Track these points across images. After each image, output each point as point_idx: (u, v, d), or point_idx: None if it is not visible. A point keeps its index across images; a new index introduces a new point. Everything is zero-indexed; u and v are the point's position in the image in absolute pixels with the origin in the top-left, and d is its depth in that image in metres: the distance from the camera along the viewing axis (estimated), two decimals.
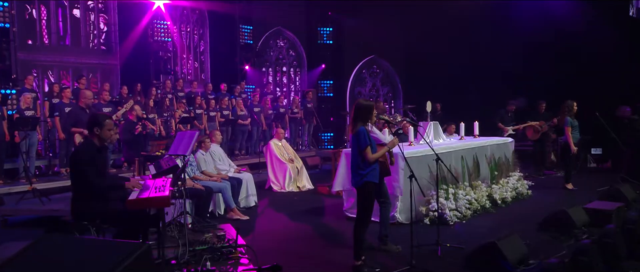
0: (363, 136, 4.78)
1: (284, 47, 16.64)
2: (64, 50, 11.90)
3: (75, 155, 4.43)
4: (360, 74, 17.49)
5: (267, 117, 12.75)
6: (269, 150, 9.84)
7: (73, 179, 4.40)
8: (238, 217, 7.15)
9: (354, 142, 4.89)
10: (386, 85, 17.63)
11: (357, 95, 17.42)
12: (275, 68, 16.60)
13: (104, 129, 4.38)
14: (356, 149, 4.85)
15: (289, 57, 16.76)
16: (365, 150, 4.78)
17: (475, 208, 7.08)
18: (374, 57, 17.29)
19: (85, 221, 4.28)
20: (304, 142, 14.12)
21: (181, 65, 14.29)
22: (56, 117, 8.70)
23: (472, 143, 8.04)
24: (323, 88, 16.42)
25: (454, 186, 7.06)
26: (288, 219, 7.25)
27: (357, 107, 4.92)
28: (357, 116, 4.89)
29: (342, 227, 6.58)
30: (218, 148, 8.17)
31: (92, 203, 4.31)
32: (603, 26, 12.13)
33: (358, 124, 4.87)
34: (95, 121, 4.41)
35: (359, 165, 4.83)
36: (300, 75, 16.95)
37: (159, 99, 10.99)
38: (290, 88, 16.91)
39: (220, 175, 7.56)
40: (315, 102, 14.66)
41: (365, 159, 4.80)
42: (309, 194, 9.24)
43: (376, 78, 17.62)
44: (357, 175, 4.85)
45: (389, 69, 17.45)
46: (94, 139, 4.42)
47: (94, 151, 4.36)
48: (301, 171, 9.84)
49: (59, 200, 7.59)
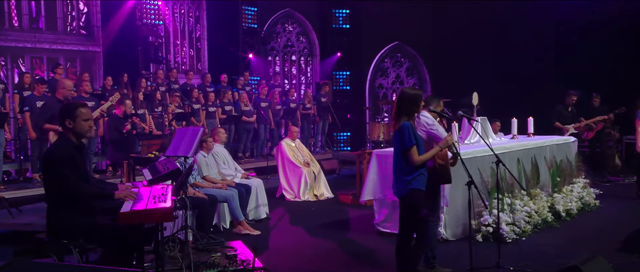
0: (407, 133, 4.46)
1: (293, 32, 16.61)
2: (37, 34, 11.77)
3: (49, 154, 4.13)
4: (382, 63, 17.35)
5: (275, 113, 12.59)
6: (280, 152, 9.65)
7: (48, 185, 4.12)
8: (247, 232, 6.95)
9: (396, 140, 4.57)
10: (412, 77, 17.51)
11: (378, 88, 17.18)
12: (283, 57, 16.53)
13: (77, 121, 4.11)
14: (399, 149, 4.49)
15: (299, 44, 16.70)
16: (410, 150, 4.46)
17: (535, 222, 6.80)
18: (398, 44, 17.18)
19: (65, 239, 3.96)
20: (317, 143, 13.93)
21: (174, 53, 14.21)
22: (26, 113, 8.52)
23: (528, 143, 7.77)
24: (338, 80, 16.33)
25: (510, 195, 6.73)
26: (307, 234, 7.09)
27: (400, 98, 4.62)
28: (401, 108, 4.57)
29: (375, 244, 6.41)
30: (222, 149, 7.99)
31: (74, 216, 4.02)
32: None
33: (402, 118, 4.55)
34: (66, 112, 4.13)
35: (402, 169, 4.53)
36: (312, 65, 16.86)
37: (150, 92, 10.82)
38: (300, 80, 16.81)
39: (226, 181, 7.35)
40: (330, 97, 14.47)
41: (411, 162, 4.46)
42: (329, 204, 9.10)
43: (400, 68, 17.49)
44: (400, 181, 4.54)
45: (416, 57, 17.29)
46: (69, 135, 4.14)
47: (71, 149, 4.08)
48: (318, 177, 9.66)
49: (31, 211, 7.46)
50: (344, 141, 16.04)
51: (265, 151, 12.45)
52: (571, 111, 10.65)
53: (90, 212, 4.11)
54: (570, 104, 10.63)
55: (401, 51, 17.36)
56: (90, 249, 4.00)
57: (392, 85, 17.39)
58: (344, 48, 16.19)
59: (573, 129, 10.46)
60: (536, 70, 13.35)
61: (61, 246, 3.89)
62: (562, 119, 10.54)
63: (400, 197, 4.57)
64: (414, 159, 4.44)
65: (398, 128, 4.50)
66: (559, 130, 10.39)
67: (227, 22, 14.41)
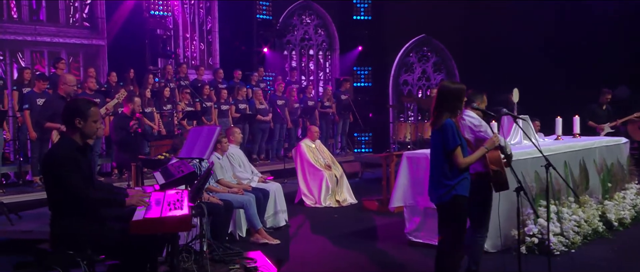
0: (451, 132, 4.27)
1: (311, 24, 16.63)
2: (37, 26, 11.77)
3: (51, 156, 4.01)
4: (407, 58, 17.27)
5: (292, 112, 12.54)
6: (299, 153, 9.59)
7: (50, 190, 3.98)
8: (266, 241, 6.87)
9: (436, 140, 4.41)
10: (440, 72, 17.36)
11: (402, 85, 17.07)
12: (300, 51, 16.56)
13: (88, 121, 3.98)
14: (441, 150, 4.33)
15: (317, 37, 16.67)
16: (454, 151, 4.28)
17: (585, 232, 6.62)
18: (424, 37, 17.07)
19: (71, 250, 3.84)
20: (337, 144, 13.88)
21: (184, 47, 14.22)
22: (26, 111, 8.52)
23: (575, 144, 7.63)
24: (359, 76, 16.38)
25: (557, 203, 6.57)
26: (331, 244, 7.01)
27: (441, 93, 4.45)
28: (442, 104, 4.40)
29: (406, 256, 6.34)
30: (237, 150, 7.96)
31: (81, 224, 3.90)
32: None
33: (443, 115, 4.37)
34: (76, 110, 3.97)
35: (445, 173, 4.34)
36: (331, 60, 16.87)
37: (158, 89, 10.81)
38: (318, 76, 16.81)
39: (242, 185, 7.30)
40: (351, 94, 14.43)
41: (455, 165, 4.28)
42: (353, 211, 9.05)
43: (427, 63, 17.40)
44: (441, 186, 4.36)
45: (444, 51, 17.15)
46: (74, 136, 4.00)
47: (76, 151, 3.96)
48: (341, 181, 9.60)
49: (32, 217, 7.41)
50: (365, 142, 15.95)
51: (281, 152, 12.39)
52: (606, 110, 10.76)
53: (98, 220, 3.99)
54: (605, 102, 10.80)
55: (428, 44, 17.24)
56: (98, 261, 3.91)
57: (418, 81, 17.28)
58: (366, 41, 16.22)
59: (609, 128, 10.48)
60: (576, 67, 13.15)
61: (67, 258, 3.78)
62: (596, 119, 10.65)
63: (441, 203, 4.39)
64: (459, 161, 4.26)
65: (440, 127, 4.32)
66: (593, 130, 10.44)
67: (240, 13, 14.47)
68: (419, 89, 17.18)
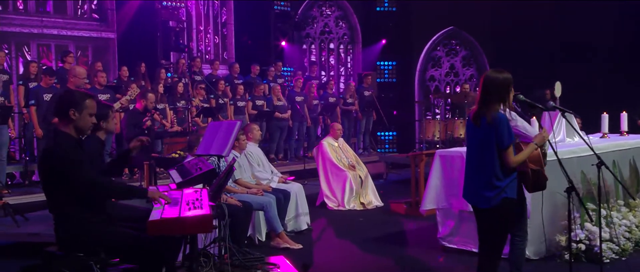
0: (506, 127, 4.12)
1: (331, 16, 16.64)
2: (44, 18, 11.82)
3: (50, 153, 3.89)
4: (434, 52, 17.22)
5: (311, 109, 12.52)
6: (321, 152, 9.55)
7: (53, 192, 3.91)
8: (287, 246, 6.82)
9: (484, 136, 4.20)
10: (469, 67, 17.23)
11: (429, 81, 16.97)
12: (320, 45, 16.57)
13: (84, 114, 3.90)
14: (491, 146, 4.15)
15: (338, 29, 16.68)
16: (507, 149, 4.13)
17: (637, 238, 6.40)
18: (453, 30, 17.00)
19: (82, 252, 3.78)
20: (360, 143, 13.80)
21: (197, 41, 14.28)
22: (32, 107, 8.51)
23: (624, 143, 7.42)
24: (383, 71, 16.37)
25: (605, 206, 6.34)
26: (357, 249, 6.98)
27: (487, 83, 4.24)
28: (490, 96, 4.21)
29: (440, 262, 6.29)
30: (256, 149, 7.91)
31: (91, 224, 3.84)
32: None
33: (493, 107, 4.18)
34: (72, 100, 3.90)
35: (495, 172, 4.16)
36: (353, 54, 16.81)
37: (170, 85, 10.87)
38: (339, 71, 16.78)
39: (261, 186, 7.25)
40: (375, 90, 14.34)
41: (505, 164, 4.13)
42: (380, 214, 8.98)
43: (456, 57, 17.30)
44: (491, 188, 4.17)
45: (474, 44, 17.06)
46: (68, 129, 3.91)
47: (75, 146, 3.90)
48: (365, 182, 9.55)
49: (39, 219, 7.35)
50: (389, 141, 15.83)
51: (300, 152, 12.37)
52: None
53: (109, 220, 3.96)
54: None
55: (457, 37, 17.17)
56: (113, 264, 3.85)
57: (446, 77, 17.19)
58: (390, 34, 16.21)
59: None
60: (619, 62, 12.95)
61: (77, 261, 3.72)
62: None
63: (490, 208, 4.20)
64: (510, 160, 4.11)
65: (492, 120, 4.13)
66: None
67: (256, 5, 14.52)
68: (447, 86, 17.10)
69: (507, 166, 4.13)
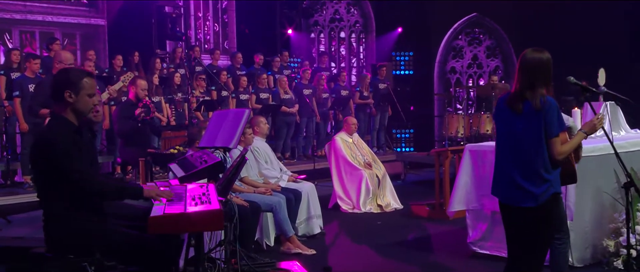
0: (558, 113, 3.99)
1: (342, 2, 16.70)
2: (27, 3, 11.83)
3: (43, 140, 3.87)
4: (455, 41, 17.21)
5: (320, 103, 12.47)
6: (333, 149, 9.53)
7: (43, 183, 3.84)
8: (299, 251, 6.79)
9: (532, 122, 4.02)
10: (494, 58, 17.19)
11: (449, 73, 16.96)
12: (330, 33, 16.64)
13: (81, 94, 3.81)
14: (539, 135, 4.00)
15: (349, 17, 16.72)
16: (556, 138, 3.99)
17: None
18: (476, 17, 16.96)
19: (73, 254, 3.71)
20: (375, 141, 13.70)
21: (196, 28, 14.38)
22: (16, 99, 8.50)
23: None
24: (399, 62, 16.35)
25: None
26: (377, 255, 6.96)
27: (535, 63, 4.08)
28: (533, 79, 4.04)
29: (471, 270, 6.29)
30: (263, 144, 7.87)
31: (84, 223, 3.77)
32: None
33: (538, 91, 4.03)
34: (66, 81, 3.82)
35: (545, 165, 4.00)
36: (365, 44, 16.88)
37: (167, 76, 10.88)
38: (350, 62, 16.82)
39: (270, 185, 7.22)
40: (391, 83, 14.35)
41: (553, 154, 3.99)
42: (399, 217, 9.01)
43: (479, 47, 17.28)
44: (541, 182, 4.01)
45: (499, 33, 17.03)
46: (66, 113, 3.83)
47: (73, 132, 3.83)
48: (383, 182, 9.55)
49: (23, 222, 7.46)
50: (406, 139, 15.73)
51: (309, 151, 12.34)
52: None
53: (104, 218, 3.88)
54: None
55: (480, 25, 17.16)
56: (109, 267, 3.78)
57: (468, 69, 17.15)
58: (407, 22, 16.21)
59: None
60: None
61: (69, 263, 3.65)
62: None
63: (538, 205, 4.02)
64: (558, 150, 3.97)
65: (541, 105, 3.98)
66: None
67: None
68: (469, 78, 17.06)
69: (552, 157, 3.98)
